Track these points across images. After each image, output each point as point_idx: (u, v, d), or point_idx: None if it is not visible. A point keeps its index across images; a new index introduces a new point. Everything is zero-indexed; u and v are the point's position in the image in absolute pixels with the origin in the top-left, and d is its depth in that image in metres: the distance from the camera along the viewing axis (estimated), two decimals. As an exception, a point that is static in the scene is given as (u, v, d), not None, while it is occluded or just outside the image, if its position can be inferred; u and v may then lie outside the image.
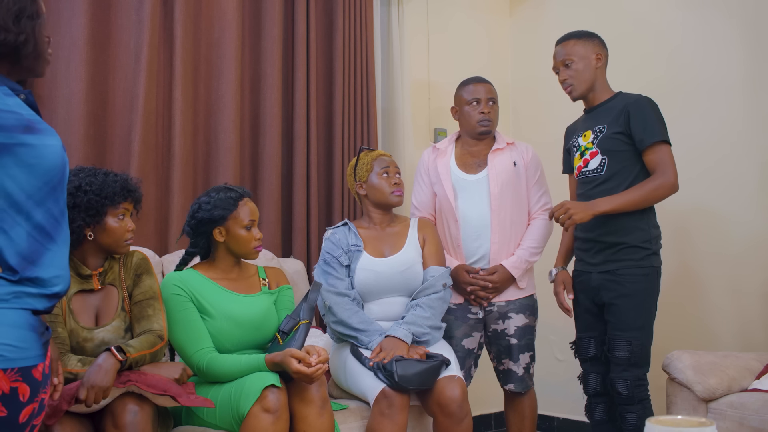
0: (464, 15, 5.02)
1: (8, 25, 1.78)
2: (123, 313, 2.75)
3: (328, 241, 3.45)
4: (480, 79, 3.70)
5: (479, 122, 3.60)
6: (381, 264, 3.40)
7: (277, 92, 4.11)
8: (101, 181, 2.68)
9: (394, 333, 3.21)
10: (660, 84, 4.30)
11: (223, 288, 2.99)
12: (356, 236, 3.45)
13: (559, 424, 4.75)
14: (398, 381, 3.01)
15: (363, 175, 3.49)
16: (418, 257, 3.45)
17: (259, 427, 2.59)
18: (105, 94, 3.66)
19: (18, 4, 1.81)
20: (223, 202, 2.96)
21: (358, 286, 3.38)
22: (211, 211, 2.94)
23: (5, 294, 1.69)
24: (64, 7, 3.52)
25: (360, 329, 3.26)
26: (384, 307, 3.40)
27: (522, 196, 3.62)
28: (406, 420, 3.08)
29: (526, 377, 3.58)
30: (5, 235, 1.71)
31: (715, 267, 4.11)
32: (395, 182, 3.48)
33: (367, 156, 3.52)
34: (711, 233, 4.13)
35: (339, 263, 3.38)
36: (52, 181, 1.78)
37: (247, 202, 3.01)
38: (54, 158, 1.77)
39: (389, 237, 3.49)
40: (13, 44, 1.80)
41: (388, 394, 3.04)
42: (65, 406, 2.37)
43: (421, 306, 3.30)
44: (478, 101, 3.61)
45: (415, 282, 3.40)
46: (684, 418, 1.97)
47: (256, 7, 4.16)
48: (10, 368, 1.65)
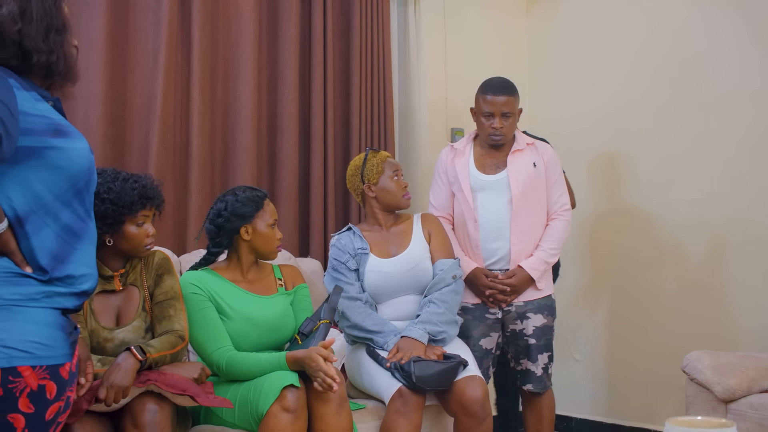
0: (481, 14, 5.00)
1: (39, 45, 1.81)
2: (144, 314, 2.76)
3: (334, 248, 3.45)
4: (499, 88, 3.54)
5: (490, 135, 3.57)
6: (389, 264, 3.39)
7: (294, 92, 4.11)
8: (119, 189, 2.65)
9: (410, 333, 3.20)
10: (678, 86, 4.28)
11: (241, 289, 3.00)
12: (361, 239, 3.44)
13: (576, 424, 4.74)
14: (416, 382, 3.00)
15: (373, 177, 3.46)
16: (425, 253, 3.43)
17: (278, 426, 2.60)
18: (123, 94, 3.67)
19: (46, 18, 1.84)
20: (251, 200, 2.99)
21: (369, 288, 3.37)
22: (241, 209, 2.96)
23: (36, 293, 1.72)
24: (83, 9, 3.53)
25: (375, 331, 3.26)
26: (397, 306, 3.40)
27: (541, 196, 3.60)
28: (421, 419, 3.08)
29: (545, 377, 3.57)
30: (36, 236, 1.74)
31: (733, 267, 4.09)
32: (404, 185, 3.48)
33: (375, 157, 3.49)
34: (730, 235, 4.10)
35: (347, 268, 3.37)
36: (79, 183, 1.81)
37: (269, 202, 3.05)
38: (81, 161, 1.81)
39: (394, 236, 3.48)
40: (46, 63, 1.84)
41: (404, 393, 3.04)
42: (85, 405, 2.38)
43: (434, 302, 3.29)
44: (492, 115, 3.54)
45: (425, 278, 3.39)
46: (704, 419, 1.97)
47: (273, 7, 4.17)
48: (38, 366, 1.68)
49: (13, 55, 1.80)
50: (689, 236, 4.23)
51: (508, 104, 3.53)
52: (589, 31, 4.80)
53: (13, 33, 1.78)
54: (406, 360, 3.05)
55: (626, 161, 4.53)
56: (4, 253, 1.72)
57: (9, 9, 1.79)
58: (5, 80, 1.72)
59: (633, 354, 4.48)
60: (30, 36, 1.81)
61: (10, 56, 1.79)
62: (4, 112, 1.65)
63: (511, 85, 3.59)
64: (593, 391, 4.69)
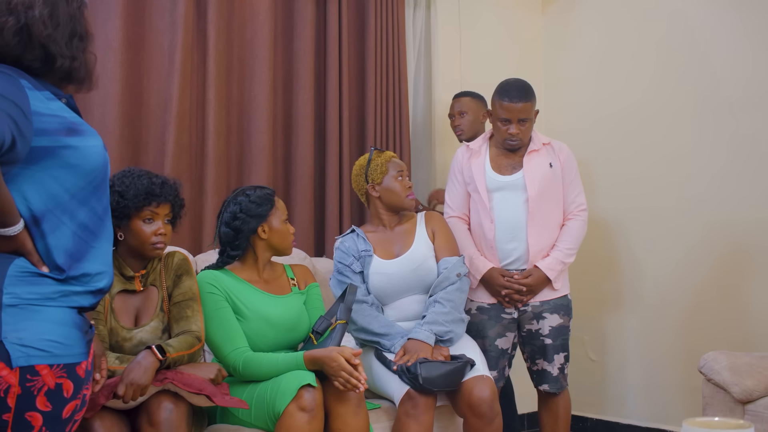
0: (496, 13, 4.99)
1: (63, 50, 1.83)
2: (161, 314, 2.77)
3: (338, 251, 3.44)
4: (516, 94, 3.48)
5: (506, 140, 3.56)
6: (393, 265, 3.38)
7: (310, 92, 4.12)
8: (129, 183, 2.69)
9: (417, 335, 3.20)
10: (696, 85, 4.25)
11: (258, 289, 3.01)
12: (365, 241, 3.44)
13: (592, 425, 4.72)
14: (423, 383, 2.99)
15: (377, 177, 3.45)
16: (429, 252, 3.42)
17: (294, 426, 2.60)
18: (139, 95, 3.69)
19: (70, 24, 1.86)
20: (263, 198, 3.01)
21: (374, 290, 3.37)
22: (256, 209, 2.97)
23: (52, 293, 1.73)
24: (100, 10, 3.55)
25: (382, 333, 3.26)
26: (402, 307, 3.39)
27: (558, 197, 3.59)
28: (432, 420, 3.07)
29: (561, 378, 3.56)
30: (53, 235, 1.76)
31: (751, 267, 4.06)
32: (408, 185, 3.47)
33: (379, 157, 3.48)
34: (748, 235, 4.08)
35: (352, 271, 3.37)
36: (95, 181, 1.82)
37: (278, 199, 3.08)
38: (96, 158, 1.82)
39: (398, 236, 3.48)
40: (68, 69, 1.86)
41: (413, 395, 3.04)
42: (103, 400, 2.40)
43: (439, 301, 3.28)
44: (509, 121, 3.50)
45: (430, 277, 3.38)
46: (721, 420, 1.96)
47: (288, 7, 4.18)
48: (55, 364, 1.69)
49: (38, 58, 1.81)
50: (706, 236, 4.20)
51: (525, 110, 3.50)
52: (604, 30, 4.78)
53: (43, 36, 1.80)
54: (412, 362, 3.05)
55: (644, 159, 4.50)
56: (21, 253, 1.73)
57: (40, 12, 1.80)
58: (17, 81, 1.73)
59: (649, 354, 4.46)
60: (56, 40, 1.82)
61: (35, 58, 1.81)
62: (17, 114, 1.65)
63: (528, 89, 3.54)
64: (609, 392, 4.67)
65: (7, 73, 1.73)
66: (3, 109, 1.63)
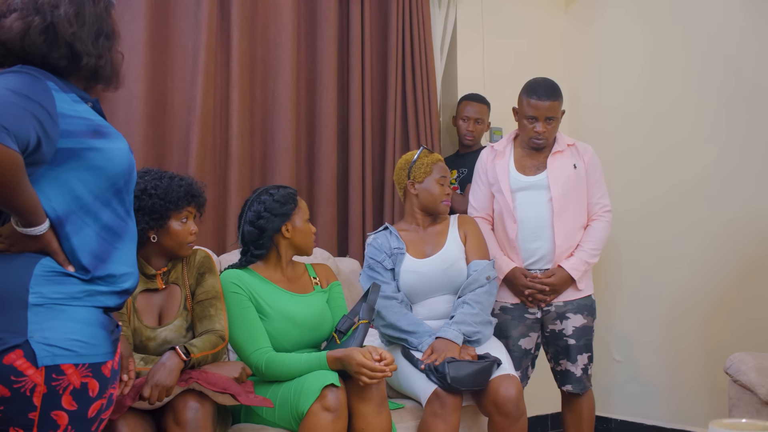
0: (519, 11, 4.98)
1: (89, 48, 1.85)
2: (185, 312, 2.79)
3: (370, 247, 3.46)
4: (544, 93, 3.50)
5: (532, 138, 3.55)
6: (424, 264, 3.39)
7: (333, 92, 4.13)
8: (166, 186, 2.73)
9: (445, 334, 3.20)
10: (722, 83, 4.22)
11: (281, 288, 3.02)
12: (398, 239, 3.44)
13: (617, 426, 4.70)
14: (450, 383, 3.00)
15: (419, 176, 3.46)
16: (460, 254, 3.43)
17: (318, 425, 2.61)
18: (164, 95, 3.72)
19: (97, 23, 1.88)
20: (287, 197, 3.02)
21: (404, 288, 3.38)
22: (281, 208, 2.98)
23: (78, 292, 1.75)
24: (124, 11, 3.58)
25: (410, 331, 3.26)
26: (431, 306, 3.40)
27: (582, 197, 3.58)
28: (459, 420, 3.07)
29: (584, 378, 3.54)
30: (77, 236, 1.77)
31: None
32: (447, 192, 3.47)
33: (427, 157, 3.49)
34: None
35: (383, 267, 3.38)
36: (118, 183, 1.83)
37: (300, 198, 3.10)
38: (122, 161, 1.84)
39: (430, 236, 3.48)
40: (93, 67, 1.88)
41: (441, 395, 3.04)
42: (129, 402, 2.41)
43: (468, 303, 3.28)
44: (536, 119, 3.51)
45: (460, 279, 3.38)
46: (748, 421, 1.94)
47: (311, 7, 4.19)
48: (81, 364, 1.70)
49: (64, 56, 1.83)
50: (730, 234, 4.16)
51: (552, 109, 3.50)
52: (628, 28, 4.75)
53: (68, 35, 1.82)
54: (440, 361, 3.05)
55: (667, 158, 4.47)
56: (47, 252, 1.74)
57: (65, 10, 1.82)
58: (43, 83, 1.74)
59: (674, 355, 4.42)
60: (82, 39, 1.84)
61: (61, 57, 1.83)
62: (43, 115, 1.67)
63: (556, 88, 3.55)
64: (634, 393, 4.64)
65: (33, 75, 1.75)
66: (29, 110, 1.64)
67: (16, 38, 1.78)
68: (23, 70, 1.76)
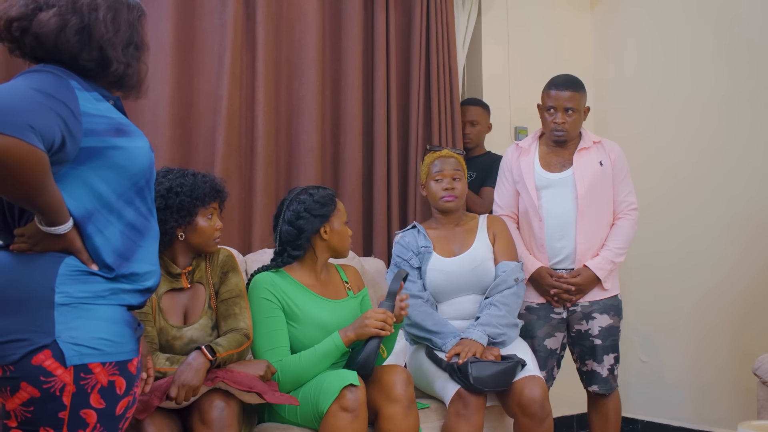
0: (544, 9, 4.96)
1: (119, 55, 1.87)
2: (210, 311, 2.80)
3: (398, 245, 3.46)
4: (563, 84, 3.52)
5: (552, 131, 3.54)
6: (451, 263, 3.38)
7: (358, 92, 4.14)
8: (191, 183, 2.74)
9: (470, 335, 3.19)
10: (749, 82, 4.17)
11: (314, 293, 2.99)
12: (425, 237, 3.44)
13: (643, 427, 4.67)
14: (474, 383, 2.99)
15: (423, 177, 3.51)
16: (488, 254, 3.41)
17: (337, 426, 2.61)
18: (190, 96, 3.74)
19: (129, 31, 1.90)
20: (327, 198, 3.00)
21: (430, 287, 3.37)
22: (321, 209, 2.96)
23: (102, 291, 1.76)
24: (150, 13, 3.59)
25: (434, 331, 3.25)
26: (457, 306, 3.39)
27: (608, 195, 3.55)
28: (482, 421, 3.06)
29: (610, 379, 3.52)
30: (101, 235, 1.78)
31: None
32: (445, 187, 3.42)
33: (429, 157, 3.51)
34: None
35: (410, 266, 3.38)
36: (140, 181, 1.85)
37: (339, 200, 3.07)
38: (143, 159, 1.85)
39: (458, 236, 3.47)
40: (121, 75, 1.90)
41: (464, 395, 3.03)
42: (156, 402, 2.43)
43: (495, 304, 3.27)
44: (555, 109, 3.51)
45: (487, 279, 3.37)
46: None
47: (336, 8, 4.20)
48: (108, 362, 1.72)
49: (94, 60, 1.85)
50: (758, 234, 4.12)
51: (572, 99, 3.50)
52: (654, 27, 4.72)
53: (103, 39, 1.84)
54: (462, 361, 3.05)
55: (695, 158, 4.44)
56: (71, 251, 1.75)
57: (104, 15, 1.84)
58: (66, 82, 1.76)
59: (702, 356, 4.39)
60: (114, 45, 1.86)
61: (91, 59, 1.84)
62: (67, 114, 1.68)
63: (577, 81, 3.55)
64: (660, 394, 4.61)
65: (56, 74, 1.76)
66: (53, 109, 1.65)
67: (51, 34, 1.79)
68: (46, 69, 1.77)
